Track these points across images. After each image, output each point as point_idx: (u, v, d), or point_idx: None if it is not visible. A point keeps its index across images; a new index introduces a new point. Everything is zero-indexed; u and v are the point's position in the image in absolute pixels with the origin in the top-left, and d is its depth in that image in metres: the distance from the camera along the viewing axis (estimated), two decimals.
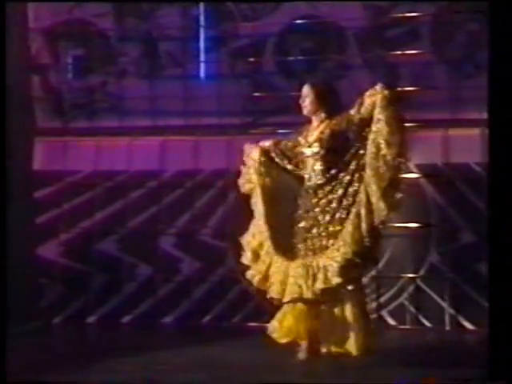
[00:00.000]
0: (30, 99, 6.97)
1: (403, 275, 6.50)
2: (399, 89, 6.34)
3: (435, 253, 6.51)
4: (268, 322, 5.02)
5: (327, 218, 4.82)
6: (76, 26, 7.08)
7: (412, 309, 6.50)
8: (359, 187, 4.76)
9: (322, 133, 4.93)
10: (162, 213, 6.88)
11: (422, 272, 6.52)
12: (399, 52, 6.53)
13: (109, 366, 4.87)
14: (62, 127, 7.07)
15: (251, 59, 6.85)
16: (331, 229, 4.80)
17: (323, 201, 4.85)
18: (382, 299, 6.50)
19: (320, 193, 4.87)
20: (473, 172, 6.43)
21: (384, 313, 6.52)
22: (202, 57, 6.94)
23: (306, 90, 4.98)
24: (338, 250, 4.72)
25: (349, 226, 4.73)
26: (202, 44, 6.91)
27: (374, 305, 6.36)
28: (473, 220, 6.39)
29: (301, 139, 5.03)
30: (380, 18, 6.58)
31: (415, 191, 6.39)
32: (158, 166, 6.91)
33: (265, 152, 5.10)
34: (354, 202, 4.76)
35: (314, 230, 4.85)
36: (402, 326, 6.47)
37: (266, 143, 5.16)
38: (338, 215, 4.79)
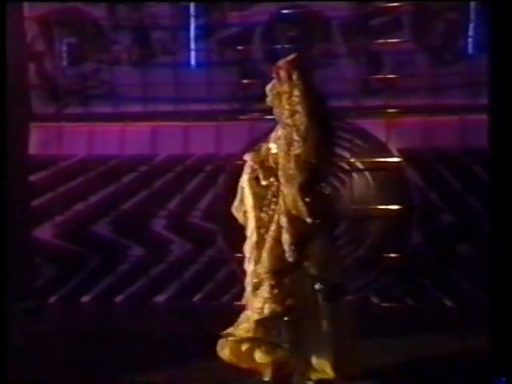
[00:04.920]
0: (26, 86, 7.09)
1: (387, 255, 6.67)
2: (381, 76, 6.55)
3: (418, 233, 6.68)
4: None
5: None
6: (70, 14, 7.13)
7: (396, 288, 6.67)
8: (278, 190, 3.93)
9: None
10: (153, 196, 6.99)
11: (404, 252, 6.66)
12: (382, 41, 6.65)
13: None
14: (56, 113, 7.15)
15: (240, 47, 6.94)
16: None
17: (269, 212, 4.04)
18: (367, 279, 6.67)
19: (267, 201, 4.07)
20: (453, 156, 6.61)
21: (368, 292, 6.69)
22: (192, 45, 7.02)
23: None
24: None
25: (268, 239, 3.95)
26: (192, 33, 7.00)
27: (358, 284, 6.54)
28: (452, 201, 6.60)
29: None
30: (363, 8, 6.70)
31: (397, 175, 6.61)
32: (150, 151, 7.00)
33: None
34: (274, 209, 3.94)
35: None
36: (385, 305, 6.64)
37: (250, 158, 4.19)
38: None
